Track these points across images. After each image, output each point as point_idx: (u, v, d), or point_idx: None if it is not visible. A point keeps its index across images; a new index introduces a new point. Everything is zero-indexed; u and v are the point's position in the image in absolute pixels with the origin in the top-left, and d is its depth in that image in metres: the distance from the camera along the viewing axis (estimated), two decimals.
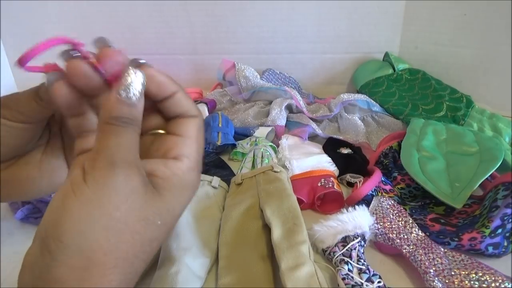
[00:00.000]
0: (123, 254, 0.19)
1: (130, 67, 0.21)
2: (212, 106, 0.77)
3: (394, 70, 0.78)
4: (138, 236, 0.20)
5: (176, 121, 0.24)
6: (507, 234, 0.40)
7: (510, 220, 0.40)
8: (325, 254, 0.42)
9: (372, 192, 0.48)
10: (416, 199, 0.51)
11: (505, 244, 0.40)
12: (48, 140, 0.28)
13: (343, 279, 0.36)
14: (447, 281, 0.36)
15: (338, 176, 0.56)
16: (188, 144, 0.23)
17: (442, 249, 0.39)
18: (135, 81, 0.21)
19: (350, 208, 0.44)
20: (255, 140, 0.63)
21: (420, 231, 0.42)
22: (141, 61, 0.22)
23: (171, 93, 0.24)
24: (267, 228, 0.42)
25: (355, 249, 0.40)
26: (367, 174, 0.53)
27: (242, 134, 0.66)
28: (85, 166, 0.20)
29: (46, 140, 0.28)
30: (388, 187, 0.50)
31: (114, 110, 0.20)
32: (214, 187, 0.50)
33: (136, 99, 0.20)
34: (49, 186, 0.28)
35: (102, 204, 0.19)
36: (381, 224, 0.43)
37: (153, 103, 0.24)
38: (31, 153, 0.27)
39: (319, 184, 0.51)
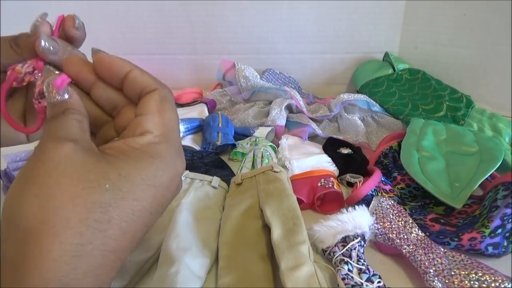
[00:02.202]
0: (62, 220, 0.18)
1: (42, 76, 0.23)
2: (212, 106, 0.77)
3: (394, 70, 0.78)
4: (79, 200, 0.18)
5: (140, 102, 0.24)
6: (507, 234, 0.40)
7: (510, 220, 0.40)
8: (325, 254, 0.42)
9: (372, 192, 0.48)
10: (416, 199, 0.51)
11: (505, 244, 0.40)
12: (12, 94, 0.27)
13: (343, 279, 0.36)
14: (447, 281, 0.36)
15: (338, 176, 0.56)
16: (150, 119, 0.23)
17: (442, 249, 0.39)
18: (49, 89, 0.22)
19: (350, 208, 0.44)
20: (255, 140, 0.63)
21: (420, 231, 0.42)
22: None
23: (125, 72, 0.24)
24: (267, 228, 0.42)
25: (355, 249, 0.40)
26: (367, 174, 0.53)
27: (242, 134, 0.66)
28: None
29: (9, 94, 0.27)
30: (388, 187, 0.50)
31: (49, 112, 0.22)
32: (214, 187, 0.50)
33: (61, 98, 0.22)
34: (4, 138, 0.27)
35: (32, 175, 0.19)
36: (381, 224, 0.43)
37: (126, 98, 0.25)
38: None
39: (319, 184, 0.51)
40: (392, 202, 0.46)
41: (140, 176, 0.21)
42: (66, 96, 0.22)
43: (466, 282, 0.35)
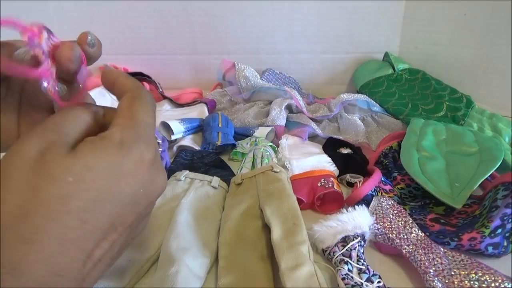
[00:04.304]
0: (21, 211, 0.19)
1: None
2: (212, 106, 0.77)
3: (394, 70, 0.78)
4: (41, 194, 0.19)
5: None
6: (507, 234, 0.40)
7: (510, 220, 0.40)
8: (325, 254, 0.42)
9: (372, 192, 0.48)
10: (416, 199, 0.51)
11: (505, 244, 0.40)
12: (5, 96, 0.27)
13: (343, 279, 0.36)
14: (447, 281, 0.36)
15: (338, 176, 0.56)
16: (119, 115, 0.24)
17: (442, 249, 0.39)
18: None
19: (350, 208, 0.44)
20: (255, 140, 0.63)
21: (420, 231, 0.42)
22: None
23: (113, 80, 0.26)
24: (266, 228, 0.42)
25: (354, 249, 0.40)
26: (367, 174, 0.53)
27: (242, 134, 0.66)
28: None
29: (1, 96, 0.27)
30: (388, 187, 0.50)
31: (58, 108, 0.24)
32: (214, 187, 0.50)
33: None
34: None
35: (6, 168, 0.20)
36: (381, 224, 0.43)
37: None
38: None
39: (319, 184, 0.51)
40: (392, 202, 0.46)
41: (102, 165, 0.21)
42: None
43: (466, 282, 0.35)
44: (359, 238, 0.40)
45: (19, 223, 0.19)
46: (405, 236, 0.41)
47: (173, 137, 0.64)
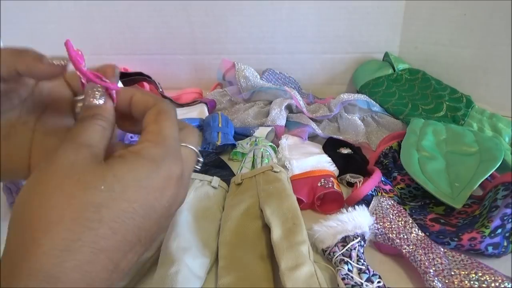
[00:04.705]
0: (56, 218, 0.19)
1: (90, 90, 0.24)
2: (212, 106, 0.77)
3: (394, 70, 0.78)
4: (74, 200, 0.20)
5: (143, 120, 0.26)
6: (507, 234, 0.40)
7: (510, 220, 0.40)
8: (325, 254, 0.42)
9: (372, 192, 0.48)
10: (416, 199, 0.51)
11: (505, 244, 0.40)
12: (21, 115, 0.27)
13: (343, 279, 0.36)
14: (446, 281, 0.36)
15: (338, 176, 0.56)
16: (148, 130, 0.24)
17: (442, 249, 0.39)
18: (89, 92, 0.24)
19: (350, 208, 0.44)
20: (255, 140, 0.63)
21: (420, 231, 0.42)
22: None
23: (129, 98, 0.26)
24: (266, 228, 0.42)
25: (354, 249, 0.40)
26: (367, 174, 0.53)
27: (242, 134, 0.66)
28: None
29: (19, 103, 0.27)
30: (388, 187, 0.50)
31: (81, 115, 0.24)
32: (214, 187, 0.50)
33: (97, 102, 0.24)
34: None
35: (41, 174, 0.21)
36: (381, 224, 0.43)
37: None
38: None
39: (319, 184, 0.51)
40: (392, 202, 0.46)
41: (132, 177, 0.22)
42: (101, 102, 0.24)
43: (466, 282, 0.35)
44: (359, 238, 0.40)
45: (55, 230, 0.19)
46: (405, 236, 0.41)
47: None
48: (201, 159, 0.29)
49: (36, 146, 0.27)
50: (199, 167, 0.29)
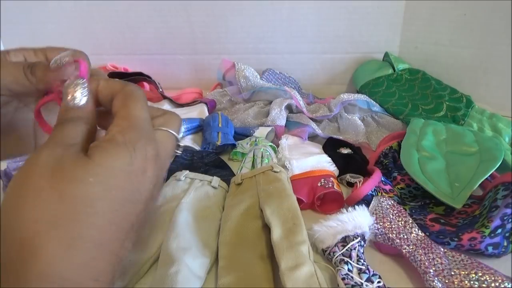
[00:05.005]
0: (53, 218, 0.19)
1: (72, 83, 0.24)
2: (212, 106, 0.77)
3: (394, 70, 0.78)
4: (67, 197, 0.20)
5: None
6: (507, 234, 0.40)
7: (510, 220, 0.40)
8: (325, 254, 0.42)
9: (372, 192, 0.48)
10: (416, 199, 0.51)
11: (505, 244, 0.40)
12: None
13: (343, 279, 0.36)
14: (446, 281, 0.36)
15: (338, 176, 0.56)
16: (117, 116, 0.24)
17: (442, 249, 0.39)
18: (77, 95, 0.24)
19: (350, 208, 0.44)
20: (255, 140, 0.63)
21: (420, 231, 0.42)
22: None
23: (95, 87, 0.26)
24: (266, 228, 0.42)
25: (354, 249, 0.40)
26: (367, 174, 0.53)
27: (242, 134, 0.66)
28: None
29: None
30: (388, 187, 0.50)
31: (61, 116, 0.24)
32: (214, 187, 0.50)
33: (81, 104, 0.24)
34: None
35: (26, 177, 0.20)
36: (381, 224, 0.43)
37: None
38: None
39: (319, 184, 0.51)
40: (392, 202, 0.46)
41: (113, 164, 0.22)
42: (83, 102, 0.24)
43: (466, 282, 0.35)
44: (359, 238, 0.40)
45: (55, 229, 0.19)
46: (405, 236, 0.41)
47: None
48: (181, 144, 0.29)
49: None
50: (180, 152, 0.29)
